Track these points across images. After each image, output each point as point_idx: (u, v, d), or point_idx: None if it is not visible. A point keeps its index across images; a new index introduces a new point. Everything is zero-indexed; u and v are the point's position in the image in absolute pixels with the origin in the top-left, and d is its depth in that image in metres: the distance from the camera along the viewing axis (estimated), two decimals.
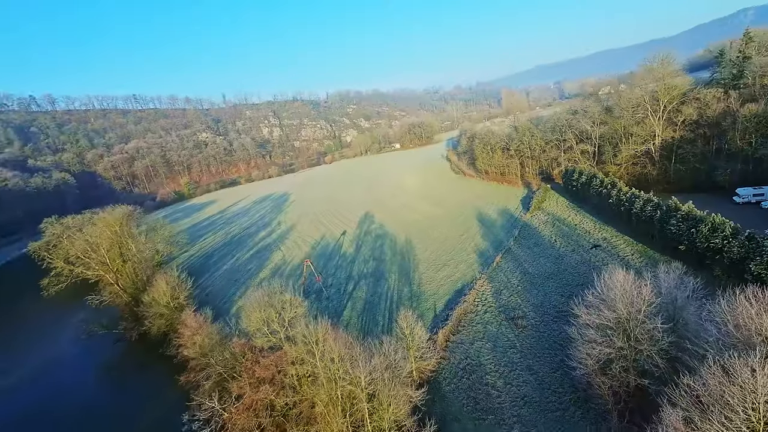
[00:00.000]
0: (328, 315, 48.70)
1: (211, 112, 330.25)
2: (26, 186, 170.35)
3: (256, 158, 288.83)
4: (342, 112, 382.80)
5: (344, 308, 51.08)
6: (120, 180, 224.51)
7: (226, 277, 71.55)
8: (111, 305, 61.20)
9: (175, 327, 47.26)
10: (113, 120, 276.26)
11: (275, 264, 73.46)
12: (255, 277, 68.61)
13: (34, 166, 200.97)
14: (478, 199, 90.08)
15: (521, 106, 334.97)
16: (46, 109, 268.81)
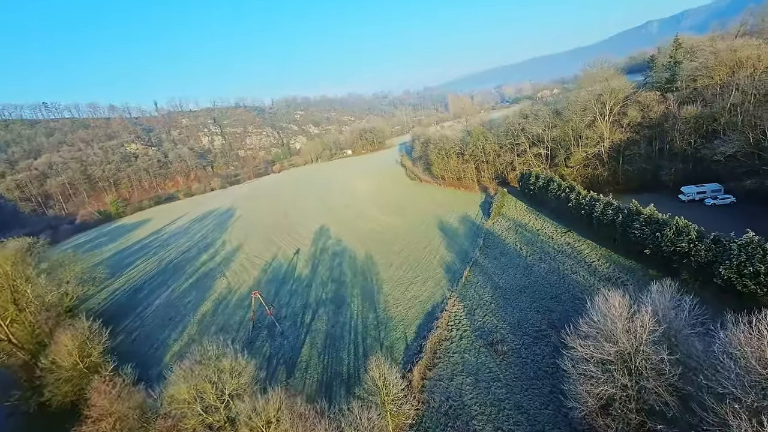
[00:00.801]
0: (283, 357, 42.16)
1: (141, 121, 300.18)
2: None
3: (196, 170, 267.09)
4: (289, 118, 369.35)
5: (302, 345, 44.51)
6: (29, 201, 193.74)
7: (159, 315, 61.10)
8: (2, 367, 48.77)
9: (85, 394, 37.56)
10: (18, 132, 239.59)
11: (219, 294, 64.34)
12: (194, 312, 59.17)
13: None
14: (438, 207, 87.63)
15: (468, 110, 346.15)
16: None
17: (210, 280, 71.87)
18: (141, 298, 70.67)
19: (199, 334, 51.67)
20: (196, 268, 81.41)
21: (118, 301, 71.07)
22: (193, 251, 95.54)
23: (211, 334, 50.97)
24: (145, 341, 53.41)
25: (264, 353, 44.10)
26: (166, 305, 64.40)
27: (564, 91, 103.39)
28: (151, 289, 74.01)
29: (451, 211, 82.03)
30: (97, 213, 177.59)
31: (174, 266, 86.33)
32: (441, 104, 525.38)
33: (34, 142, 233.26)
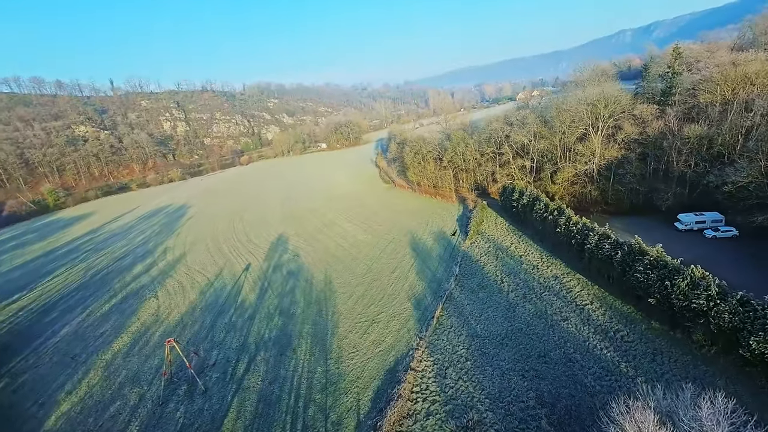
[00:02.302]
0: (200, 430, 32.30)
1: (94, 101, 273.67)
2: None
3: (155, 158, 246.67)
4: (261, 106, 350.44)
5: (227, 410, 34.78)
6: None
7: (62, 350, 49.29)
8: None
9: None
10: None
11: (142, 323, 53.10)
12: (105, 349, 47.89)
13: None
14: (411, 218, 79.18)
15: (448, 107, 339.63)
16: None
17: (137, 302, 60.20)
18: (47, 322, 58.08)
19: (101, 385, 40.81)
20: (125, 283, 69.13)
21: (19, 326, 58.17)
22: (128, 259, 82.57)
23: (115, 386, 40.35)
24: (32, 391, 41.83)
25: (177, 422, 34.07)
26: (74, 336, 52.49)
27: (548, 95, 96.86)
28: (64, 310, 61.43)
29: (425, 225, 73.77)
30: (31, 203, 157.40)
31: (101, 278, 73.52)
32: (421, 99, 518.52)
33: None
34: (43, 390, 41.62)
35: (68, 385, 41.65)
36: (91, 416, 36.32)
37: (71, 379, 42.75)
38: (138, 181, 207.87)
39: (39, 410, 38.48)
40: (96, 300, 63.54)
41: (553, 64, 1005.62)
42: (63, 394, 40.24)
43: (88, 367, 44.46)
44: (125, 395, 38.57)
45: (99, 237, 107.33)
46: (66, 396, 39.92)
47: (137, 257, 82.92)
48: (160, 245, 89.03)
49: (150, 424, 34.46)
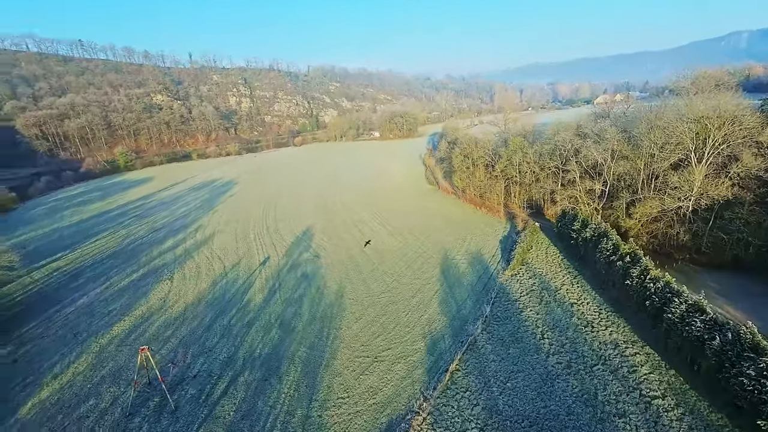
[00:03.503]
0: None
1: (173, 72, 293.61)
2: None
3: (218, 130, 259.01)
4: (323, 88, 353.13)
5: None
6: (45, 140, 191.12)
7: (70, 324, 48.97)
8: None
9: None
10: (50, 68, 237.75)
11: (148, 308, 51.33)
12: (105, 331, 46.44)
13: None
14: (448, 229, 70.15)
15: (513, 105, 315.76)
16: None
17: (153, 282, 59.19)
18: (71, 288, 59.22)
19: (85, 375, 38.75)
20: (150, 258, 69.24)
21: (48, 288, 60.06)
22: (162, 232, 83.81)
23: (96, 379, 37.97)
24: (28, 365, 41.17)
25: None
26: (86, 309, 52.25)
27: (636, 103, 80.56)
28: (90, 278, 62.55)
29: (462, 241, 64.49)
30: (105, 162, 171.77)
31: (133, 249, 74.84)
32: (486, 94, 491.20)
33: (63, 79, 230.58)
34: (35, 367, 40.71)
35: (57, 368, 40.27)
36: (62, 413, 33.96)
37: (63, 360, 41.44)
38: (199, 151, 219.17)
39: (21, 391, 37.25)
40: (119, 272, 63.96)
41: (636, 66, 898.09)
42: (49, 377, 38.81)
43: (82, 350, 43.03)
44: (101, 393, 35.88)
45: (148, 203, 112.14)
46: (51, 380, 38.39)
47: (171, 231, 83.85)
48: (196, 221, 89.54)
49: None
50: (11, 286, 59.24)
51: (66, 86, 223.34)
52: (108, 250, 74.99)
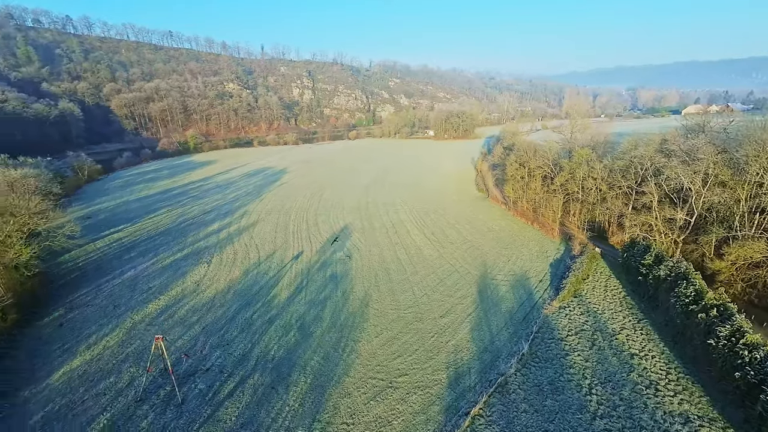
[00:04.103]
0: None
1: (245, 62, 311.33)
2: (24, 110, 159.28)
3: (280, 120, 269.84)
4: (383, 84, 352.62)
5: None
6: (133, 120, 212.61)
7: (114, 295, 51.71)
8: None
9: None
10: (143, 55, 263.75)
11: (183, 289, 52.60)
12: (141, 308, 48.14)
13: (47, 90, 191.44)
14: (493, 244, 63.88)
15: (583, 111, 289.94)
16: (81, 33, 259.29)
17: (192, 263, 61.02)
18: (124, 260, 63.18)
19: (113, 350, 39.98)
20: (196, 239, 71.99)
21: (104, 258, 64.70)
22: (212, 215, 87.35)
23: (122, 356, 38.93)
24: (70, 332, 43.74)
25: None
26: (130, 283, 55.02)
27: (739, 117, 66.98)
28: (141, 252, 66.38)
29: (506, 259, 58.07)
30: (178, 144, 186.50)
31: (183, 228, 78.62)
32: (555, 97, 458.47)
33: (153, 66, 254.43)
34: (75, 335, 43.05)
35: (92, 338, 42.19)
36: (84, 386, 35.03)
37: (99, 332, 43.41)
38: (260, 138, 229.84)
39: (59, 357, 39.36)
40: (167, 250, 67.09)
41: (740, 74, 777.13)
42: (83, 347, 40.67)
43: (116, 324, 44.83)
44: (122, 372, 36.58)
45: (206, 185, 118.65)
46: (84, 350, 40.18)
47: (219, 215, 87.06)
48: (242, 208, 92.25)
49: (119, 420, 31.11)
50: (75, 253, 64.76)
51: (154, 72, 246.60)
52: (162, 227, 79.61)
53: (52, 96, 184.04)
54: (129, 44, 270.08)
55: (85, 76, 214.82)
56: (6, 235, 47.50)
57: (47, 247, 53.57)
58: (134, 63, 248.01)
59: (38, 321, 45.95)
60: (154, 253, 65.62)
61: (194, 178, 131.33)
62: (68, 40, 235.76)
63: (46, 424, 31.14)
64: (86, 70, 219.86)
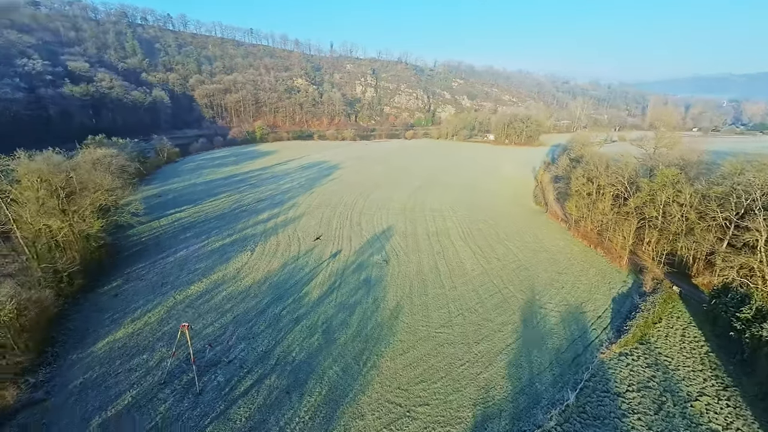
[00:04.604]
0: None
1: (314, 59, 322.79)
2: (125, 96, 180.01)
3: (341, 116, 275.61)
4: (445, 84, 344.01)
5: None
6: (211, 109, 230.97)
7: (165, 272, 54.66)
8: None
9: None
10: (226, 50, 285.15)
11: (224, 275, 53.98)
12: (185, 288, 50.10)
13: (145, 79, 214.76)
14: (546, 267, 56.98)
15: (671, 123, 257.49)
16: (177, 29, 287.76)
17: (237, 250, 62.75)
18: (180, 239, 67.11)
19: (152, 327, 41.70)
20: (245, 226, 74.40)
21: (164, 235, 69.32)
22: (264, 203, 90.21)
23: (158, 335, 40.37)
24: (121, 302, 46.75)
25: (155, 416, 30.16)
26: (181, 262, 57.91)
27: None
28: (196, 234, 70.06)
29: (559, 286, 51.16)
30: (246, 133, 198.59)
31: (237, 214, 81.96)
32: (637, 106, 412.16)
33: (233, 61, 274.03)
34: (124, 306, 45.84)
35: (138, 312, 44.56)
36: (121, 359, 36.71)
37: (144, 306, 45.79)
38: (320, 133, 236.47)
39: (107, 326, 42.00)
40: (218, 233, 70.04)
41: None
42: (128, 320, 43.02)
43: (160, 301, 46.99)
44: (155, 351, 37.79)
45: (264, 174, 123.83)
46: (129, 323, 42.47)
47: (270, 204, 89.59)
48: (293, 199, 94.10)
49: (142, 400, 31.79)
50: (141, 228, 70.15)
51: (234, 66, 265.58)
52: (218, 211, 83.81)
53: (148, 85, 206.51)
54: (215, 40, 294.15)
55: (176, 68, 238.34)
56: (82, 207, 52.24)
57: (114, 221, 58.20)
58: (218, 57, 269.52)
59: (99, 288, 49.90)
60: (207, 236, 68.84)
61: (255, 166, 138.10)
62: (166, 35, 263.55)
63: (82, 391, 32.89)
64: (178, 62, 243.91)
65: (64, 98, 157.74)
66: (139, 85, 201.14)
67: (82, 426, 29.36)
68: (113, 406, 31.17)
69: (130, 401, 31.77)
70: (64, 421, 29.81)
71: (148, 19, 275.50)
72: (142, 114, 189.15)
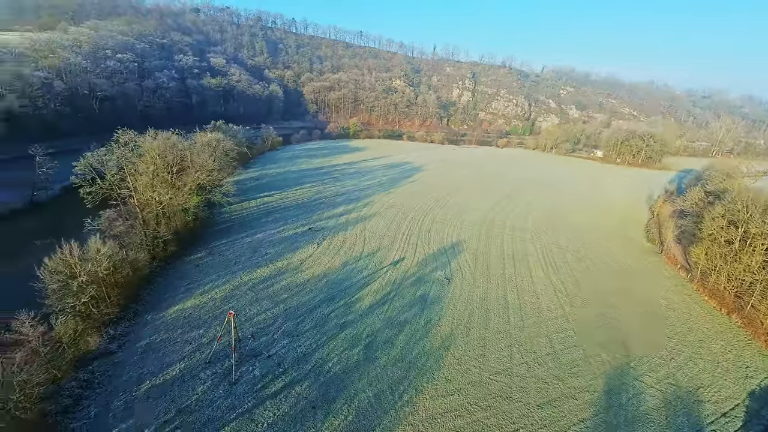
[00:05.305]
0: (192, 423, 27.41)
1: (415, 61, 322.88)
2: (248, 89, 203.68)
3: (433, 118, 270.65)
4: (552, 92, 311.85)
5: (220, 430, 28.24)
6: (315, 104, 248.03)
7: (237, 253, 57.65)
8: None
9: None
10: (337, 51, 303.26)
11: (287, 264, 54.81)
12: (251, 271, 52.07)
13: (266, 75, 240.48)
14: (650, 324, 44.58)
15: None
16: (298, 32, 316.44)
17: (308, 239, 63.67)
18: (261, 222, 71.19)
19: (214, 304, 43.72)
20: (319, 218, 75.71)
21: (250, 216, 74.42)
22: (342, 197, 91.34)
23: (217, 313, 41.98)
24: (199, 274, 50.57)
25: (190, 395, 30.69)
26: (255, 245, 60.90)
27: None
28: (275, 219, 73.61)
29: (667, 359, 39.11)
30: (341, 128, 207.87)
31: (316, 205, 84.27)
32: None
33: (341, 61, 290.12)
34: (200, 278, 49.38)
35: (208, 286, 47.45)
36: (182, 328, 38.96)
37: (215, 281, 48.63)
38: (410, 133, 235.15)
39: (181, 294, 45.48)
40: (294, 222, 72.46)
41: None
42: (199, 292, 46.00)
43: (229, 279, 49.42)
44: (210, 328, 39.22)
45: (349, 170, 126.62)
46: (198, 295, 45.36)
47: (347, 199, 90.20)
48: (369, 197, 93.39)
49: (187, 375, 32.84)
50: (233, 207, 76.48)
51: (340, 66, 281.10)
52: (300, 200, 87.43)
53: (268, 80, 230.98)
54: (328, 42, 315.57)
55: (292, 66, 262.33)
56: (186, 184, 58.26)
57: (208, 199, 63.95)
58: (328, 57, 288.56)
59: (186, 257, 55.01)
60: (284, 222, 71.75)
61: (343, 161, 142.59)
62: (289, 37, 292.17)
63: (145, 352, 35.50)
64: (294, 61, 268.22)
65: (203, 88, 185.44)
66: (261, 79, 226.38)
67: (134, 387, 31.29)
68: (163, 375, 32.74)
69: (176, 373, 33.04)
70: (122, 378, 32.22)
71: (277, 22, 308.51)
72: (259, 105, 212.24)
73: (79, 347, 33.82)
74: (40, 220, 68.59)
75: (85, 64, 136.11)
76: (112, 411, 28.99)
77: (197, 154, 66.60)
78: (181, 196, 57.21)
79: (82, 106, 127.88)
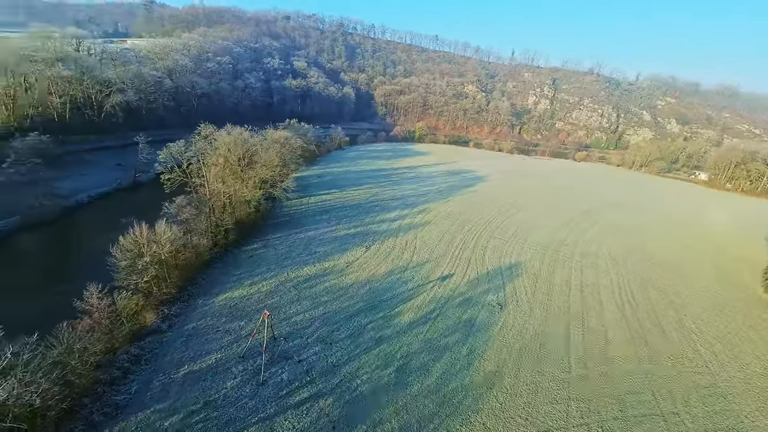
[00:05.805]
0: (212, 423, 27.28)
1: (491, 66, 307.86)
2: (324, 90, 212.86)
3: (504, 126, 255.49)
4: (647, 102, 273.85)
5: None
6: (384, 107, 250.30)
7: (290, 247, 58.50)
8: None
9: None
10: (411, 55, 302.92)
11: (336, 265, 53.89)
12: (297, 268, 52.01)
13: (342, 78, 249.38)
14: (765, 402, 34.05)
15: None
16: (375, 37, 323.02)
17: (355, 244, 62.33)
18: (315, 219, 71.93)
19: (259, 297, 44.24)
20: (372, 221, 74.20)
21: (306, 213, 75.82)
22: (397, 202, 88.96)
23: (260, 306, 42.23)
24: (251, 265, 52.03)
25: (220, 391, 30.61)
26: (306, 241, 61.34)
27: None
28: (329, 218, 73.89)
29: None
30: (407, 132, 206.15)
31: (369, 207, 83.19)
32: None
33: (414, 65, 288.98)
34: (251, 269, 50.71)
35: (257, 278, 48.37)
36: (225, 317, 39.82)
37: (264, 274, 49.46)
38: (477, 140, 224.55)
39: (232, 282, 46.95)
40: (347, 222, 71.93)
41: None
42: (248, 283, 47.05)
43: (277, 273, 49.93)
44: (251, 321, 39.33)
45: (409, 174, 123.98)
46: (247, 286, 46.36)
47: (402, 204, 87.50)
48: (425, 204, 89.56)
49: (220, 367, 33.03)
50: (293, 202, 78.72)
51: (413, 70, 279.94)
52: (356, 201, 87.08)
53: (343, 83, 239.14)
54: (403, 46, 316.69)
55: (366, 70, 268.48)
56: (251, 178, 60.87)
57: (270, 193, 66.19)
58: (402, 61, 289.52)
59: (243, 247, 57.28)
60: (337, 222, 71.60)
61: (404, 164, 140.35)
62: (366, 42, 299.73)
63: (190, 336, 36.77)
64: (369, 65, 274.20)
65: (284, 89, 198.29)
66: (336, 82, 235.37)
67: (174, 370, 32.23)
68: (200, 362, 33.34)
69: (212, 363, 33.43)
70: (166, 358, 33.50)
71: (357, 28, 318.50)
72: (332, 106, 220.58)
73: (137, 322, 36.16)
74: (135, 198, 78.03)
75: (190, 65, 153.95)
76: (150, 390, 30.01)
77: (265, 150, 69.48)
78: (246, 188, 59.80)
79: (184, 101, 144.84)
